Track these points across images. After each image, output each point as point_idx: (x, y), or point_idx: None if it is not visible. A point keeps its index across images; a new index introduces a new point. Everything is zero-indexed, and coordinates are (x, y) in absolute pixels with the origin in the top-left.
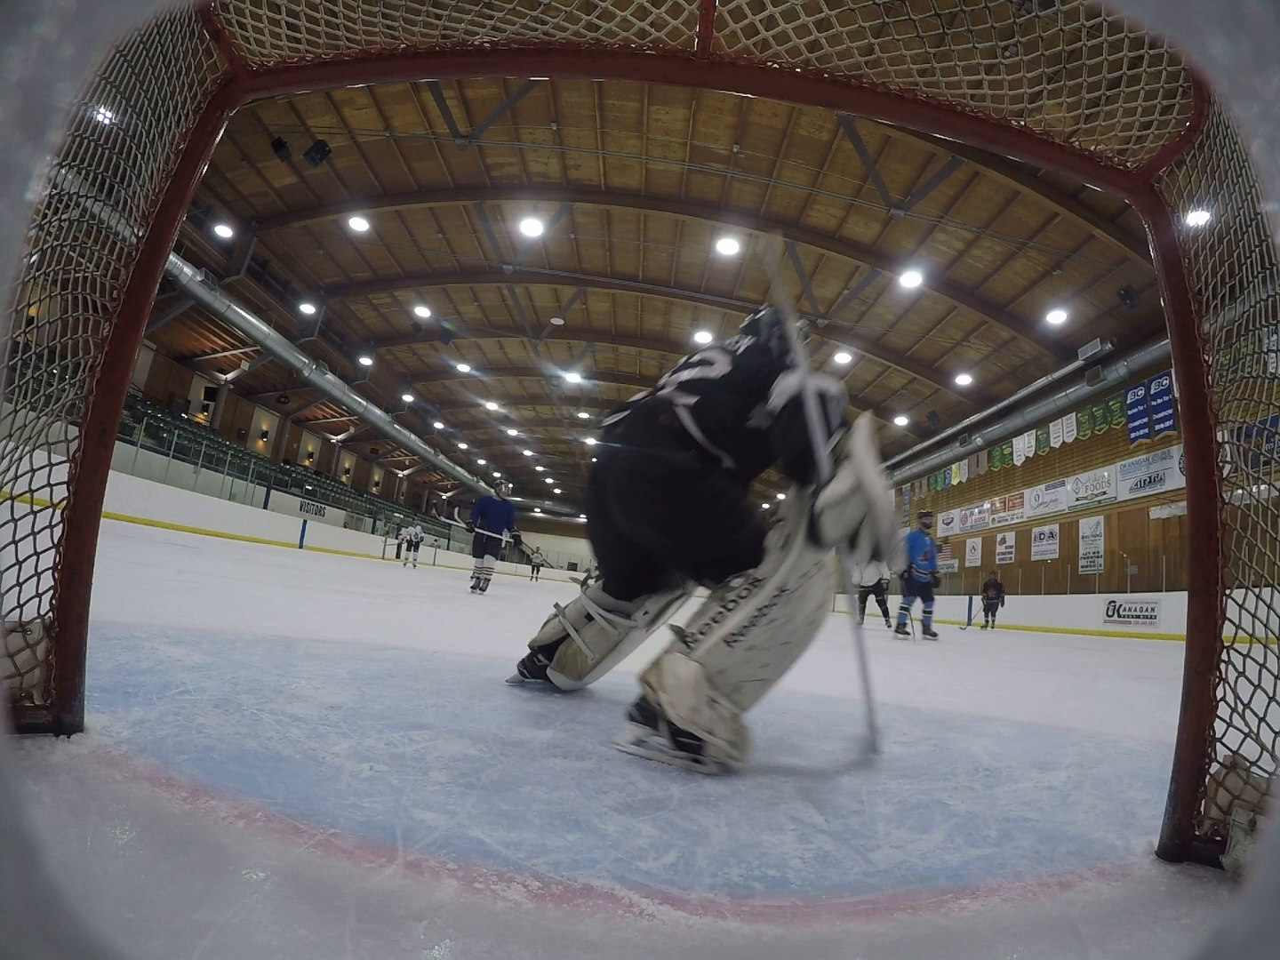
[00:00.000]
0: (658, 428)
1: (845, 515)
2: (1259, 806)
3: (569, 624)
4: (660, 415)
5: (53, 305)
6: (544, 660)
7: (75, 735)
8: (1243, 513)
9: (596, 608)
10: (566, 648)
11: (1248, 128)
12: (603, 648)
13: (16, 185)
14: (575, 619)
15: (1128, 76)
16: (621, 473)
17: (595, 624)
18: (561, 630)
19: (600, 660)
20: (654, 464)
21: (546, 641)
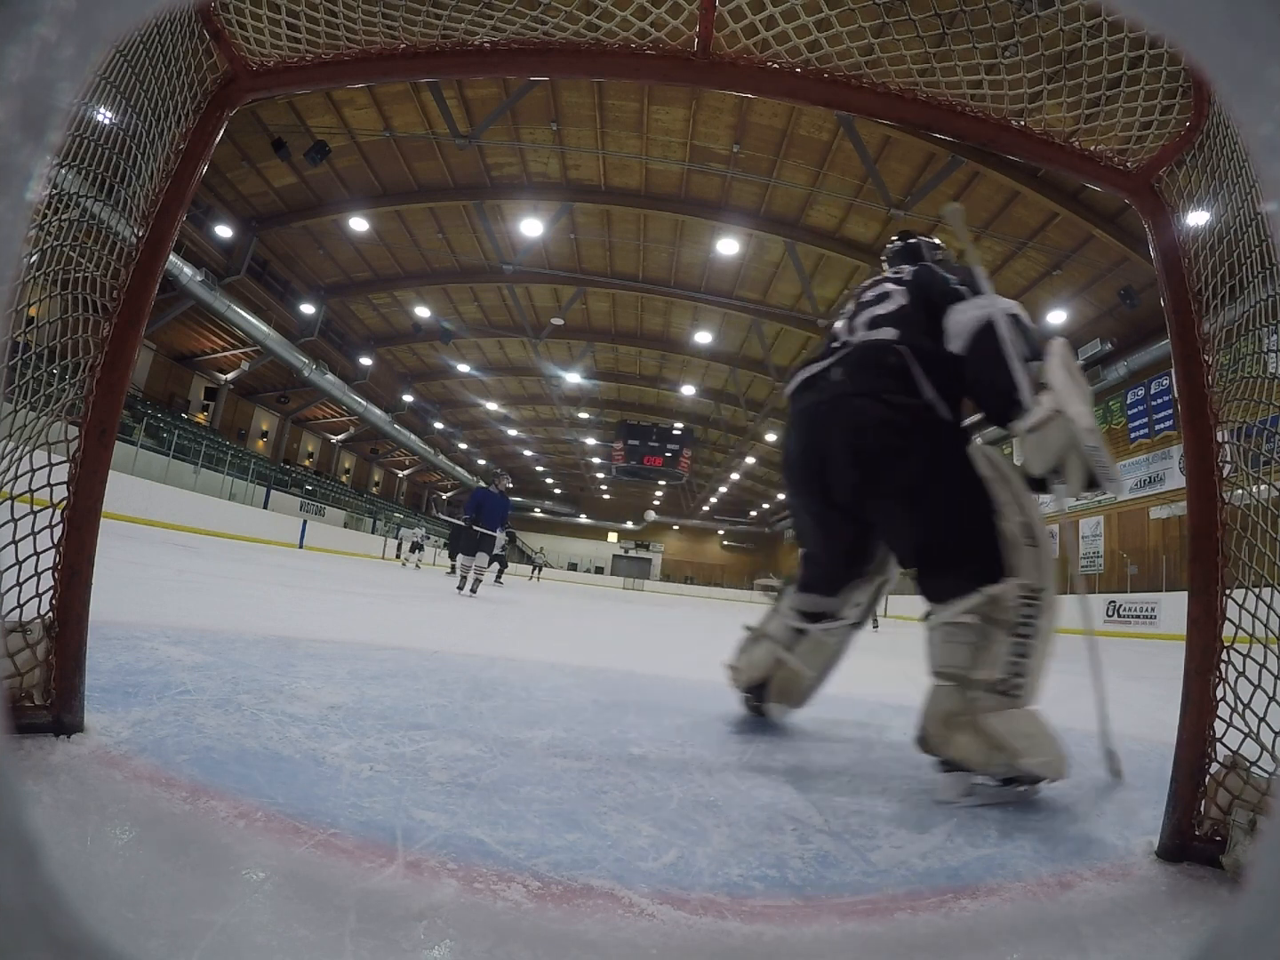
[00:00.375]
0: (886, 370)
1: (1047, 442)
2: (1259, 806)
3: (779, 648)
4: (889, 356)
5: (53, 305)
6: (756, 701)
7: (75, 735)
8: (1243, 513)
9: (807, 621)
10: (778, 671)
11: (1248, 128)
12: (821, 662)
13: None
14: (784, 639)
15: (1128, 76)
16: (853, 427)
17: (809, 638)
18: (771, 660)
19: (820, 675)
20: (897, 411)
21: (759, 679)
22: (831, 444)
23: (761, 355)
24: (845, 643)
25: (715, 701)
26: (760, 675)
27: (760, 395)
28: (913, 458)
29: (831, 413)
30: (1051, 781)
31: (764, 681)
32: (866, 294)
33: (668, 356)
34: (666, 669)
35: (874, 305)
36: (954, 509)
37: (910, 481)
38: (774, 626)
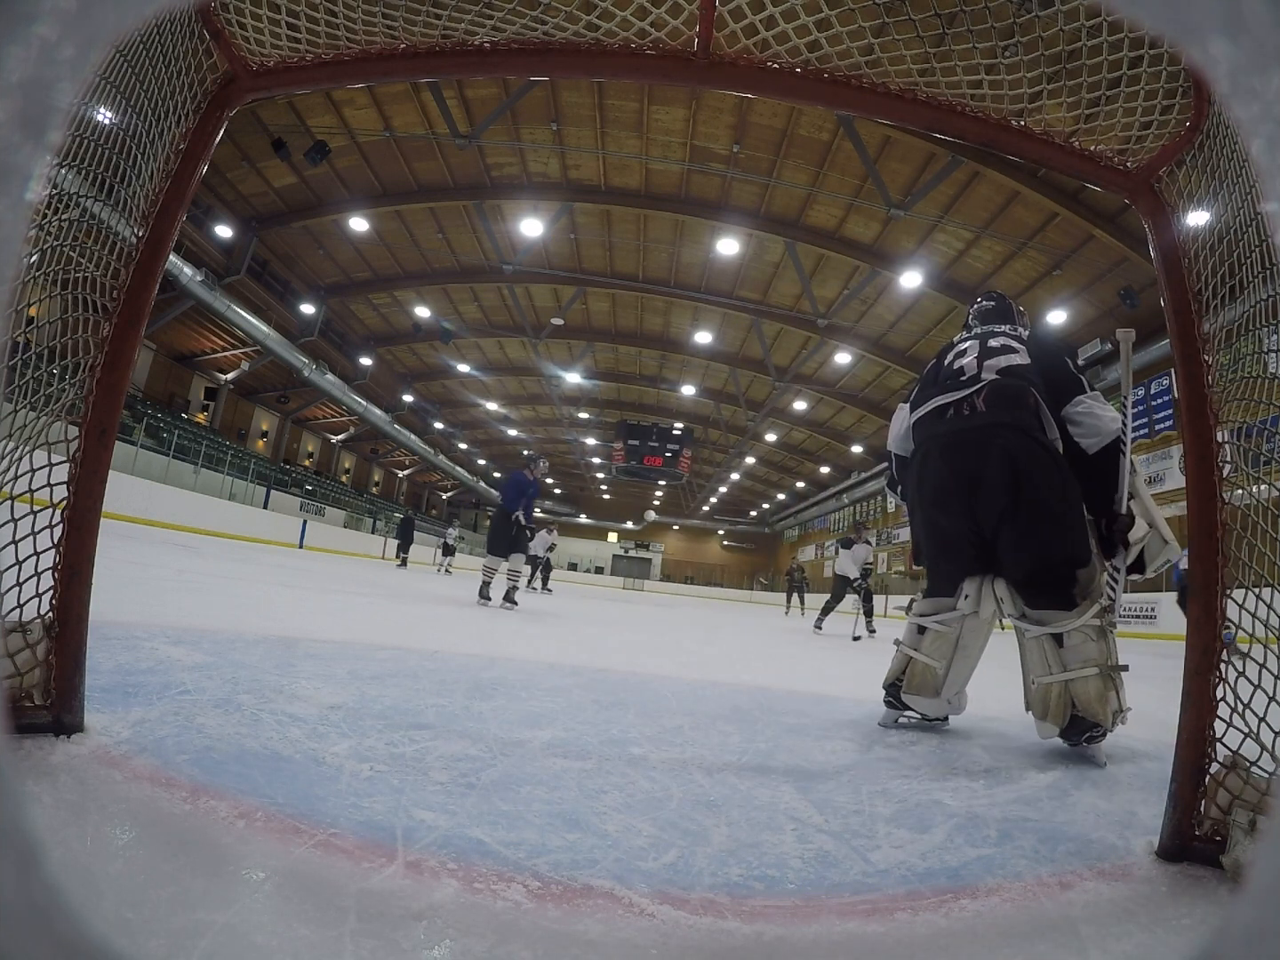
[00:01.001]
0: (1028, 410)
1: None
2: (1259, 806)
3: (906, 646)
4: (1028, 399)
5: (53, 305)
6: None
7: (75, 735)
8: (1243, 513)
9: (924, 618)
10: (912, 667)
11: (1248, 128)
12: (945, 651)
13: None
14: (910, 640)
15: (1128, 76)
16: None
17: (929, 633)
18: (903, 660)
19: (949, 665)
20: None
21: (895, 675)
22: (986, 468)
23: (761, 355)
24: (966, 632)
25: (715, 701)
26: (895, 672)
27: (760, 395)
28: (1054, 486)
29: (986, 440)
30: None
31: (899, 680)
32: (991, 341)
33: (668, 356)
34: (666, 669)
35: (1002, 354)
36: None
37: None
38: (905, 634)
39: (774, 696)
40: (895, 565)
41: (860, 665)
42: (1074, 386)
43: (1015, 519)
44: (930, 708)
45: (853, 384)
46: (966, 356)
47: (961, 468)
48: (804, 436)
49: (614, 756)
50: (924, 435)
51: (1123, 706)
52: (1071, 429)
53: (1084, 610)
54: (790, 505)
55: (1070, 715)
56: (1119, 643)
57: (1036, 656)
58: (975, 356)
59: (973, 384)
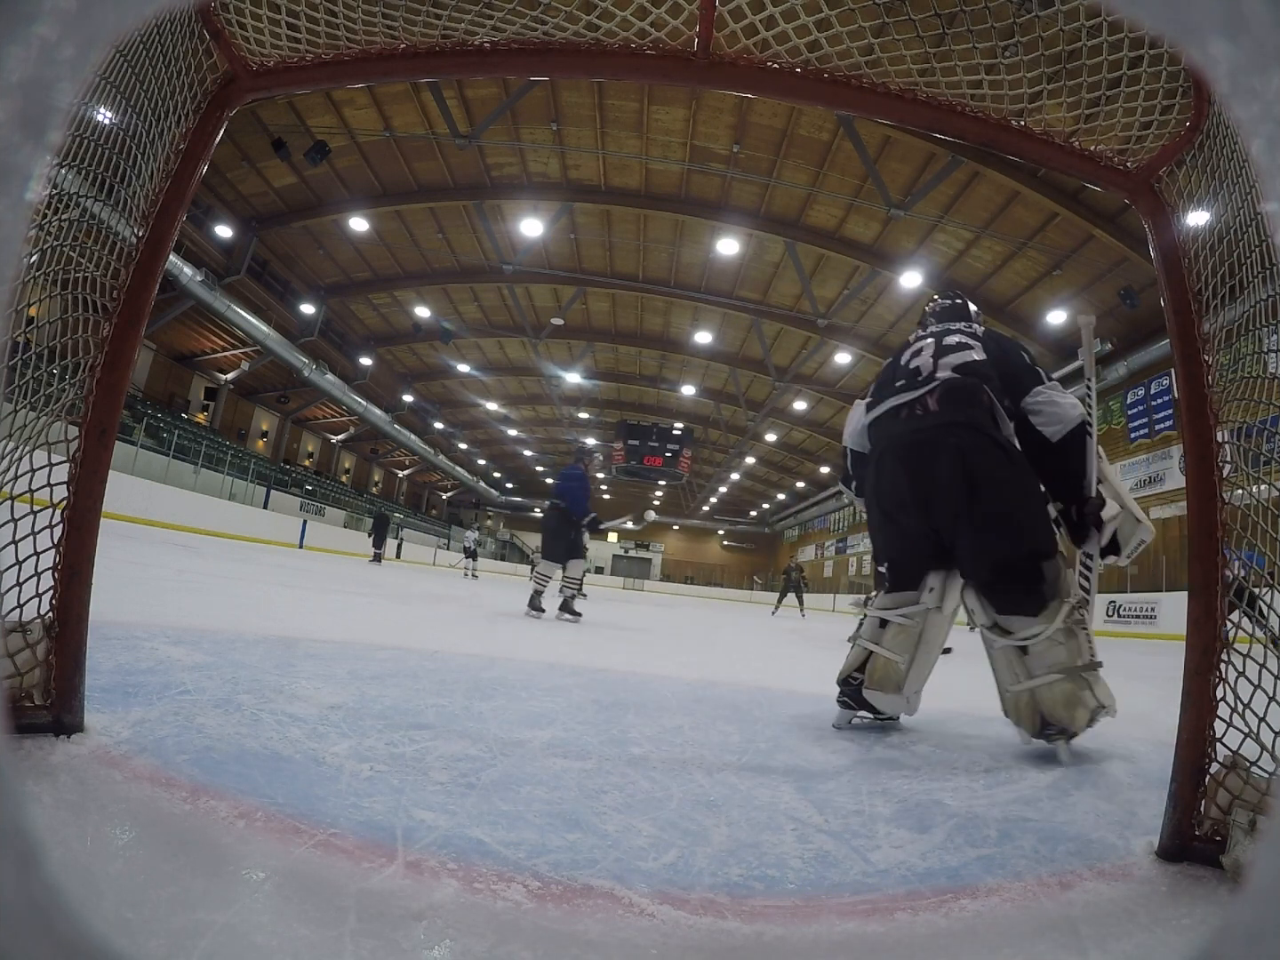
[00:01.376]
0: (981, 408)
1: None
2: (1259, 806)
3: (866, 640)
4: (982, 395)
5: (53, 305)
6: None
7: (75, 735)
8: (1243, 513)
9: (887, 611)
10: (873, 662)
11: (1248, 128)
12: (908, 645)
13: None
14: (871, 633)
15: (1128, 76)
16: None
17: (891, 626)
18: (863, 651)
19: (912, 660)
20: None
21: (851, 668)
22: (939, 468)
23: (761, 355)
24: (930, 626)
25: (715, 701)
26: (852, 665)
27: (760, 395)
28: (1009, 481)
29: (938, 440)
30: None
31: (856, 675)
32: (947, 339)
33: (668, 356)
34: (667, 669)
35: (958, 351)
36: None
37: (1006, 504)
38: (865, 628)
39: (774, 696)
40: None
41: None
42: (1031, 378)
43: (971, 518)
44: (890, 705)
45: (853, 384)
46: (922, 355)
47: (917, 469)
48: (804, 436)
49: (614, 756)
50: (880, 436)
51: (1102, 703)
52: (1033, 419)
53: (1054, 613)
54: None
55: (1040, 721)
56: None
57: (1003, 665)
58: (931, 355)
59: (928, 383)
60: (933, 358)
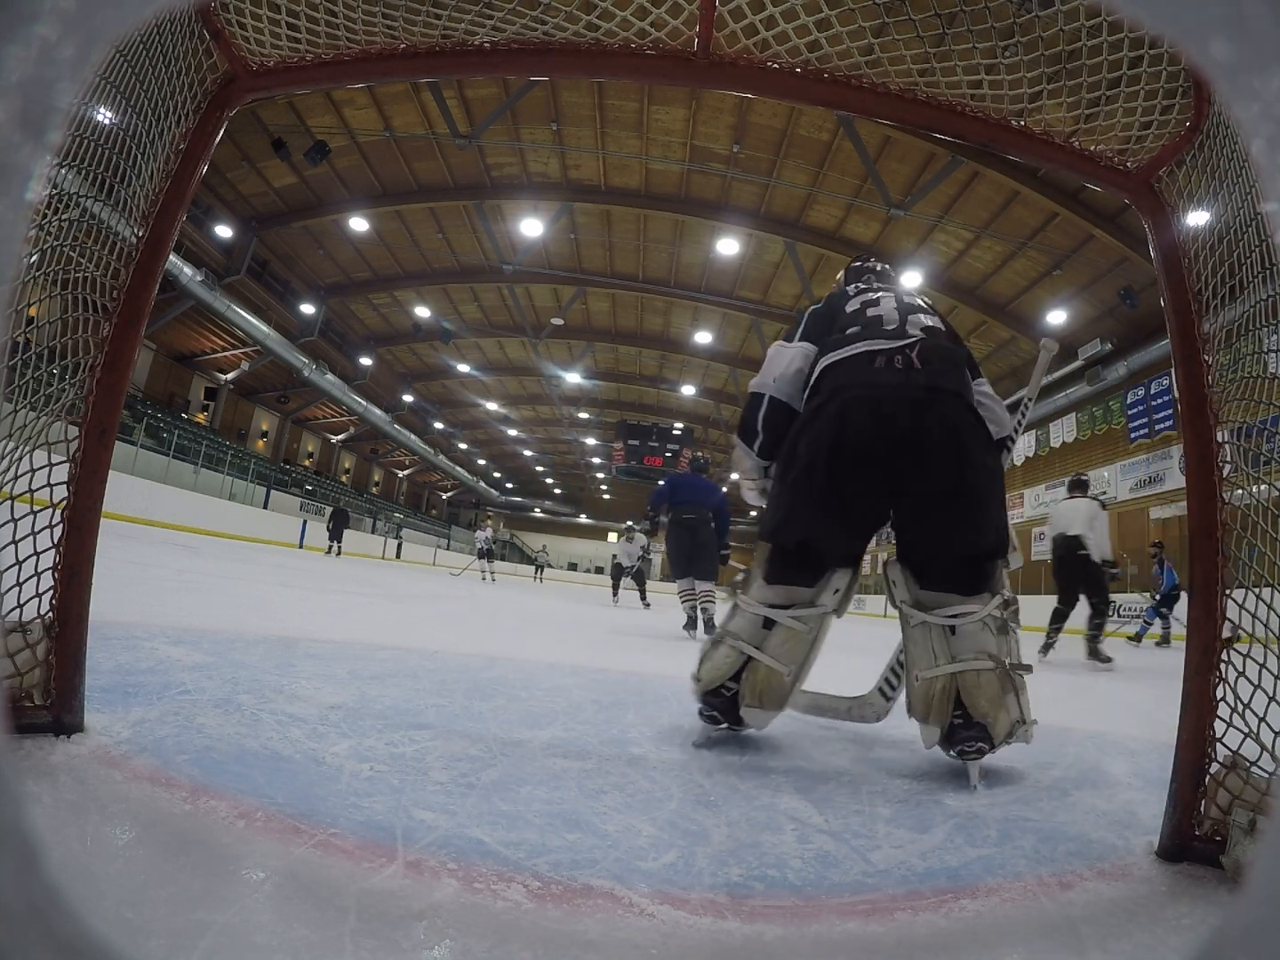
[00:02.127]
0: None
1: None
2: (1259, 806)
3: (745, 644)
4: (964, 363)
5: (53, 305)
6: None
7: (75, 735)
8: (1243, 513)
9: (776, 610)
10: (753, 674)
11: (1248, 128)
12: (798, 654)
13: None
14: (751, 634)
15: (1128, 76)
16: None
17: (779, 630)
18: (738, 660)
19: (800, 672)
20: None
21: (722, 676)
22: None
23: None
24: (822, 633)
25: None
26: (723, 675)
27: None
28: (992, 469)
29: (926, 405)
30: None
31: (730, 685)
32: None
33: (668, 356)
34: (666, 669)
35: (921, 313)
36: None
37: (988, 493)
38: (737, 624)
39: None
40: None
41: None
42: (974, 366)
43: (954, 503)
44: (766, 721)
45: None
46: (883, 306)
47: (895, 432)
48: None
49: (614, 756)
50: (844, 383)
51: (1026, 718)
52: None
53: (986, 601)
54: None
55: (953, 716)
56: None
57: (923, 647)
58: (895, 309)
59: (900, 336)
60: (897, 311)
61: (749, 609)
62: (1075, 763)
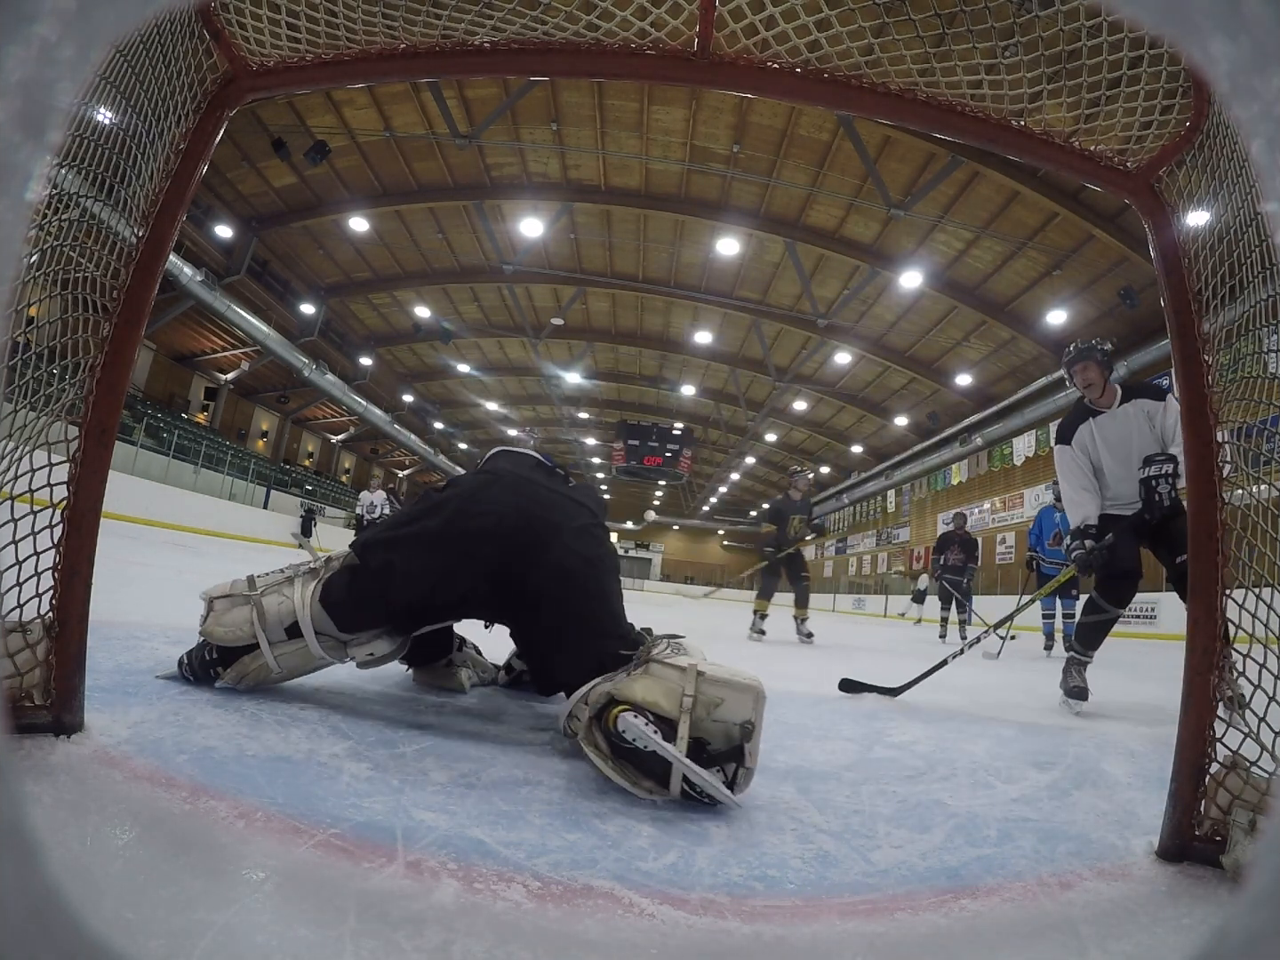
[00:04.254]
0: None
1: None
2: (1259, 806)
3: (261, 631)
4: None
5: (53, 305)
6: (213, 660)
7: (75, 735)
8: (1243, 513)
9: (322, 636)
10: (252, 660)
11: (1248, 128)
12: (298, 670)
13: (16, 185)
14: (274, 626)
15: (1128, 76)
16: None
17: (302, 644)
18: (249, 634)
19: (285, 679)
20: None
21: (230, 643)
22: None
23: (761, 355)
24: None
25: None
26: (232, 642)
27: (760, 395)
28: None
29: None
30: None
31: (232, 651)
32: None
33: (668, 356)
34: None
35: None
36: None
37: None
38: (274, 606)
39: (774, 696)
40: (895, 565)
41: (859, 665)
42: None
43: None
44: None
45: (853, 384)
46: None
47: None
48: (804, 436)
49: None
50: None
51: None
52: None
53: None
54: None
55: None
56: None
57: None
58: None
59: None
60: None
61: (304, 607)
62: (1075, 763)
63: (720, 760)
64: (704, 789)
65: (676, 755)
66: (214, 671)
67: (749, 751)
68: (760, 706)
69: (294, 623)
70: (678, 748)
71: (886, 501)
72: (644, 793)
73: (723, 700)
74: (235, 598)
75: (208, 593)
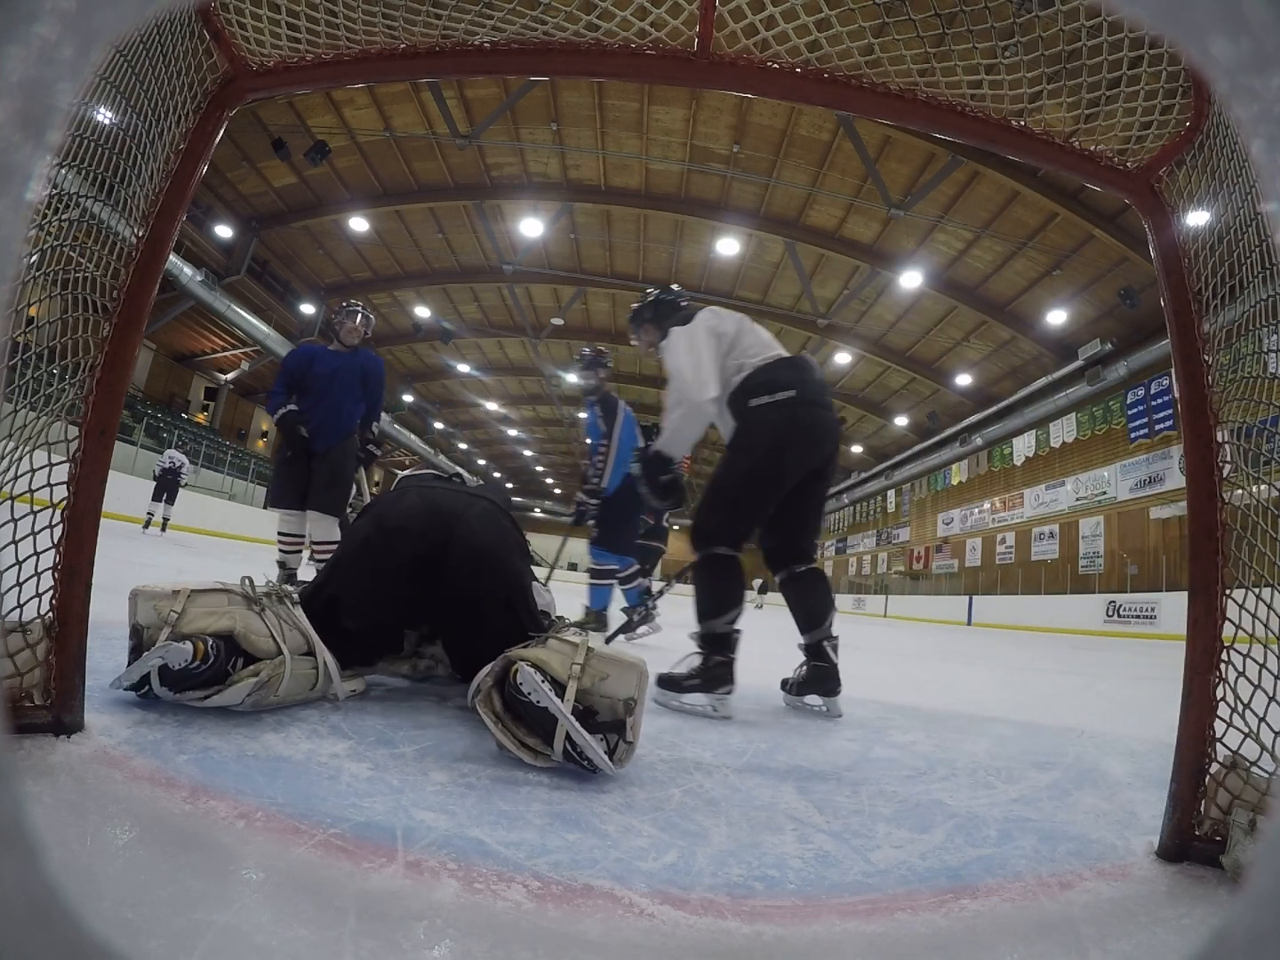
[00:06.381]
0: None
1: None
2: (1259, 806)
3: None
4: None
5: (53, 305)
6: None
7: (75, 735)
8: (1243, 513)
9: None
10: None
11: (1248, 128)
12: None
13: (16, 185)
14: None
15: (1128, 76)
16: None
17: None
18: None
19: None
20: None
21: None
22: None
23: None
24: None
25: None
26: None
27: None
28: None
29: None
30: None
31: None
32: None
33: None
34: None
35: None
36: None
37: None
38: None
39: (773, 696)
40: (895, 565)
41: (859, 666)
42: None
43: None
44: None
45: (853, 384)
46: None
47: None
48: None
49: None
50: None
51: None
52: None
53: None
54: None
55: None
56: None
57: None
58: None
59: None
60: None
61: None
62: (1075, 763)
63: (604, 729)
64: (585, 751)
65: (562, 710)
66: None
67: (630, 725)
68: (644, 684)
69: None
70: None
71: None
72: (529, 755)
73: (609, 675)
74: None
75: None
